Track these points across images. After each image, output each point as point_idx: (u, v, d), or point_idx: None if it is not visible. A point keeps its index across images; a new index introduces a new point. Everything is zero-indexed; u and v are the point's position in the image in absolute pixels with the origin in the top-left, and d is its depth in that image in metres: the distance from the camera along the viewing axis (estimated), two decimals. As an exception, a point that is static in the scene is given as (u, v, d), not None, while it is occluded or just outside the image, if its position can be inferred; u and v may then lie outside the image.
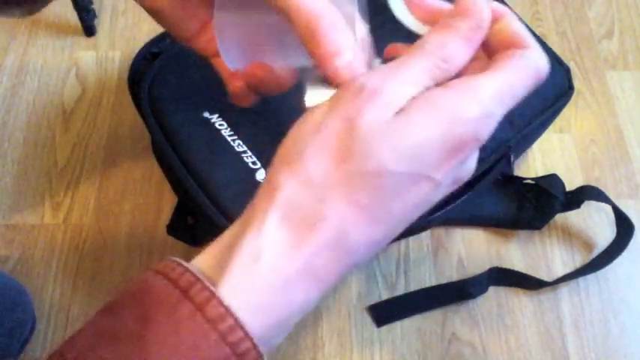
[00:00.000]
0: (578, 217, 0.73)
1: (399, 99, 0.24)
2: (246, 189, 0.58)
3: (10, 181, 0.74)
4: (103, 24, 0.86)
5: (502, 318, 0.67)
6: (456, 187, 0.27)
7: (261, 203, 0.25)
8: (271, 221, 0.24)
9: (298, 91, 0.39)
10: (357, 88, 0.25)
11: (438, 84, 0.26)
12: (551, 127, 0.74)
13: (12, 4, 0.35)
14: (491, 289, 0.69)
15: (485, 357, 0.66)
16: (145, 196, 0.73)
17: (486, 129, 0.25)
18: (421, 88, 0.25)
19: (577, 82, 0.82)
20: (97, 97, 0.80)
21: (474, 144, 0.25)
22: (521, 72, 0.26)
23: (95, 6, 0.84)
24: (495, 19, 0.27)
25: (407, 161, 0.24)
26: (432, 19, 0.28)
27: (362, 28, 0.30)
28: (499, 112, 0.25)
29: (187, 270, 0.24)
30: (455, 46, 0.26)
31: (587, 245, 0.72)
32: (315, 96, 0.29)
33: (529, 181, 0.72)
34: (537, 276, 0.69)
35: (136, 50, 0.66)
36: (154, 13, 0.34)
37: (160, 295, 0.23)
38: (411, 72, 0.25)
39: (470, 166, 0.27)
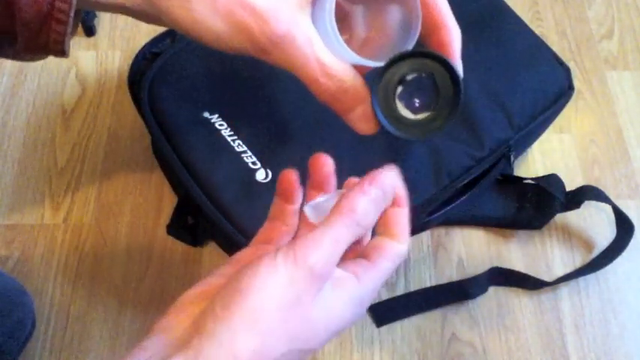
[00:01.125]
0: (578, 217, 0.73)
1: (334, 268, 0.30)
2: (246, 189, 0.58)
3: (10, 181, 0.74)
4: (103, 24, 0.86)
5: (502, 318, 0.67)
6: None
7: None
8: None
9: (297, 90, 0.39)
10: (312, 280, 0.29)
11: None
12: (551, 127, 0.74)
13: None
14: (491, 289, 0.69)
15: (485, 357, 0.66)
16: (144, 196, 0.73)
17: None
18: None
19: (577, 82, 0.82)
20: (97, 97, 0.80)
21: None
22: (395, 264, 0.32)
23: (95, 6, 0.84)
24: (397, 204, 0.33)
25: (328, 339, 0.30)
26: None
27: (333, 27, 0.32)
28: (378, 287, 0.33)
29: None
30: (371, 216, 0.31)
31: (587, 245, 0.72)
32: None
33: (529, 181, 0.72)
34: (537, 276, 0.69)
35: (136, 50, 0.66)
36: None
37: None
38: (343, 249, 0.30)
39: None
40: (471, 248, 0.71)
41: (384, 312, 0.67)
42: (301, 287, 0.28)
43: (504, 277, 0.69)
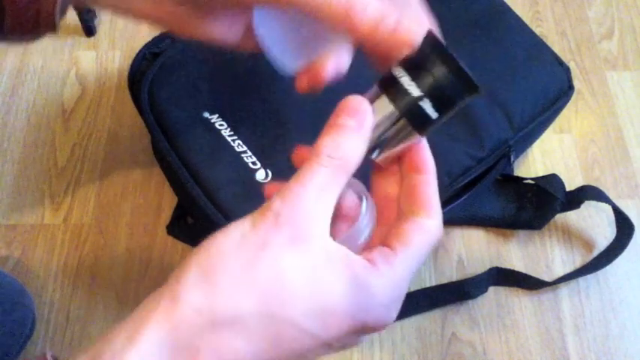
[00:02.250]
0: (578, 217, 0.73)
1: (320, 225, 0.25)
2: (246, 189, 0.58)
3: (10, 181, 0.74)
4: (103, 24, 0.86)
5: (502, 318, 0.68)
6: (342, 350, 0.28)
7: (153, 315, 0.23)
8: (153, 342, 0.23)
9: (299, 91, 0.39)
10: (278, 225, 0.25)
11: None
12: (551, 127, 0.74)
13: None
14: (491, 289, 0.69)
15: (485, 357, 0.66)
16: (145, 196, 0.73)
17: (395, 312, 0.27)
18: (335, 197, 0.26)
19: (577, 82, 0.82)
20: (97, 97, 0.80)
21: (380, 328, 0.26)
22: (427, 247, 0.27)
23: (95, 6, 0.84)
24: (419, 170, 0.29)
25: (316, 325, 0.25)
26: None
27: None
28: (406, 289, 0.27)
29: None
30: (349, 145, 0.27)
31: (587, 245, 0.72)
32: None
33: (529, 181, 0.72)
34: (537, 276, 0.69)
35: (136, 50, 0.66)
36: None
37: None
38: (320, 191, 0.26)
39: (363, 338, 0.28)
40: (471, 248, 0.71)
41: (384, 312, 0.67)
42: (266, 230, 0.24)
43: (504, 277, 0.69)
